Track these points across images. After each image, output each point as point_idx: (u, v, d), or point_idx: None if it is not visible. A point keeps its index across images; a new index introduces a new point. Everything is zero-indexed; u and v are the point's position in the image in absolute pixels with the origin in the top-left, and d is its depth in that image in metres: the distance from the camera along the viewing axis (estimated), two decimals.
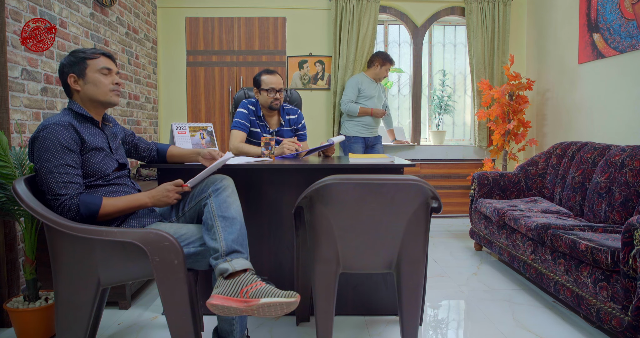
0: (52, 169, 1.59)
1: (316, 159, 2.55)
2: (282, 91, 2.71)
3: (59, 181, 1.60)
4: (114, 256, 1.62)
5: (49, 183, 1.59)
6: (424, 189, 1.68)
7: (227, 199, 1.70)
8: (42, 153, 1.60)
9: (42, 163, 1.60)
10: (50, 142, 1.60)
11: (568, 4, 4.02)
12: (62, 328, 1.65)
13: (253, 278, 1.53)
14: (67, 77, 1.71)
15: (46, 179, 1.60)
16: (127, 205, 1.69)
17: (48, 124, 1.62)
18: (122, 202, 1.68)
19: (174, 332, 1.61)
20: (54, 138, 1.60)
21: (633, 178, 2.54)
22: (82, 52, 1.74)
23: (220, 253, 1.59)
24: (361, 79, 4.12)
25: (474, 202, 3.60)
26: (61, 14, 2.77)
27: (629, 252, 1.86)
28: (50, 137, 1.60)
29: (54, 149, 1.60)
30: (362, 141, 4.12)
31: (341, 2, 4.49)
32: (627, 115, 3.30)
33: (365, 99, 4.09)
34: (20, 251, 2.35)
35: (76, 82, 1.73)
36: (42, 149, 1.60)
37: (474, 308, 2.52)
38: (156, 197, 1.72)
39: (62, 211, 1.60)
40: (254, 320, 2.32)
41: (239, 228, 1.66)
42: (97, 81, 1.73)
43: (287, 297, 1.47)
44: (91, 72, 1.73)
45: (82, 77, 1.73)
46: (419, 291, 1.77)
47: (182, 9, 4.60)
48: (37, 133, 1.62)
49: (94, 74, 1.73)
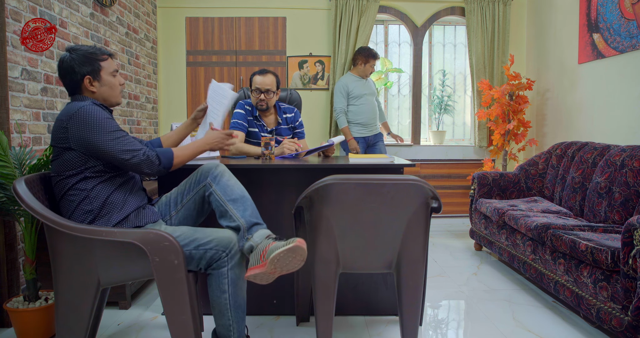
0: (112, 136, 1.64)
1: (316, 159, 2.55)
2: (269, 92, 2.68)
3: (127, 142, 1.66)
4: (113, 257, 1.62)
5: (118, 148, 1.64)
6: (424, 189, 1.68)
7: (229, 183, 1.78)
8: (91, 128, 1.61)
9: (98, 137, 1.61)
10: (95, 116, 1.62)
11: (568, 4, 4.02)
12: (62, 329, 1.66)
13: (267, 243, 1.65)
14: (82, 78, 1.72)
15: (112, 148, 1.63)
16: (193, 152, 1.85)
17: (80, 105, 1.63)
18: (189, 150, 1.84)
19: (174, 332, 1.61)
20: (96, 112, 1.63)
21: (633, 178, 2.54)
22: (94, 54, 1.74)
23: (242, 230, 1.71)
24: (347, 81, 4.07)
25: (474, 202, 3.60)
26: (61, 14, 2.77)
27: (629, 252, 1.86)
28: (92, 112, 1.62)
29: (103, 121, 1.63)
30: (362, 141, 4.11)
31: (341, 2, 4.49)
32: (627, 115, 3.30)
33: (356, 99, 4.05)
34: (20, 251, 2.35)
35: (91, 83, 1.74)
36: (89, 125, 1.61)
37: (474, 308, 2.52)
38: (212, 143, 1.91)
39: (145, 163, 1.68)
40: (254, 320, 2.32)
41: (250, 203, 1.78)
42: (112, 83, 1.78)
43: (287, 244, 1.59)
44: (105, 75, 1.76)
45: (98, 80, 1.74)
46: (419, 291, 1.77)
47: (182, 9, 4.60)
48: (70, 118, 1.61)
49: (107, 77, 1.76)
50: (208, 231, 1.72)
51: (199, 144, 1.89)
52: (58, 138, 1.65)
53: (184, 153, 1.82)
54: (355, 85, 4.07)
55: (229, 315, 1.70)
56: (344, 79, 4.11)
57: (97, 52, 1.75)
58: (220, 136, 1.93)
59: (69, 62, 1.71)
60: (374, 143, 4.17)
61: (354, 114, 4.07)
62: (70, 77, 1.72)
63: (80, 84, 1.73)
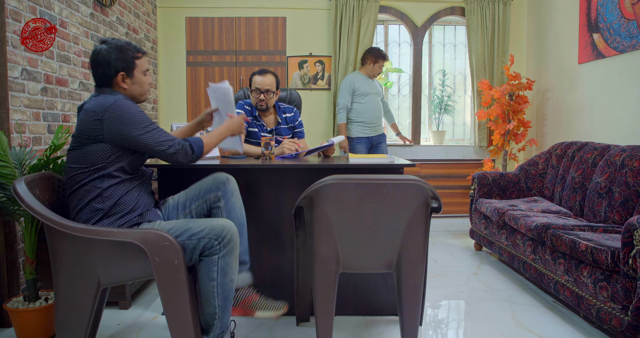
0: (148, 129, 1.67)
1: (316, 159, 2.55)
2: (269, 92, 2.68)
3: (162, 134, 1.70)
4: (113, 256, 1.62)
5: (155, 140, 1.67)
6: (424, 189, 1.68)
7: (235, 206, 1.84)
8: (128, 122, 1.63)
9: (135, 131, 1.64)
10: (131, 110, 1.65)
11: (568, 4, 4.02)
12: (62, 328, 1.66)
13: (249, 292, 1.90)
14: (116, 73, 1.73)
15: (149, 140, 1.67)
16: (219, 139, 1.92)
17: (115, 99, 1.66)
18: (215, 138, 1.89)
19: (174, 331, 1.61)
20: (131, 106, 1.66)
21: (633, 178, 2.54)
22: (131, 51, 1.75)
23: None
24: (354, 78, 4.10)
25: (474, 202, 3.60)
26: (61, 14, 2.77)
27: (629, 252, 1.86)
28: (128, 107, 1.65)
29: (138, 115, 1.66)
30: (366, 141, 4.11)
31: (341, 2, 4.49)
32: (627, 115, 3.30)
33: (361, 97, 4.07)
34: (20, 251, 2.35)
35: (124, 80, 1.75)
36: (126, 119, 1.63)
37: (474, 308, 2.52)
38: (233, 129, 1.98)
39: (180, 153, 1.72)
40: (254, 320, 2.32)
41: (244, 237, 1.85)
42: (142, 82, 1.81)
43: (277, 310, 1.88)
44: (138, 73, 1.78)
45: (131, 77, 1.76)
46: (419, 291, 1.77)
47: (182, 9, 4.60)
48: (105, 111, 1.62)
49: (139, 75, 1.79)
50: (201, 222, 1.72)
51: (222, 131, 1.94)
52: (89, 129, 1.65)
53: (211, 140, 1.87)
54: (362, 83, 4.08)
55: (215, 304, 1.70)
56: (352, 76, 4.13)
57: (133, 49, 1.76)
58: (238, 120, 2.00)
59: (105, 55, 1.71)
60: (377, 143, 4.17)
61: (357, 112, 4.08)
62: (103, 70, 1.73)
63: (113, 79, 1.74)
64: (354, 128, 4.11)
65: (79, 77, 2.97)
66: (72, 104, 2.89)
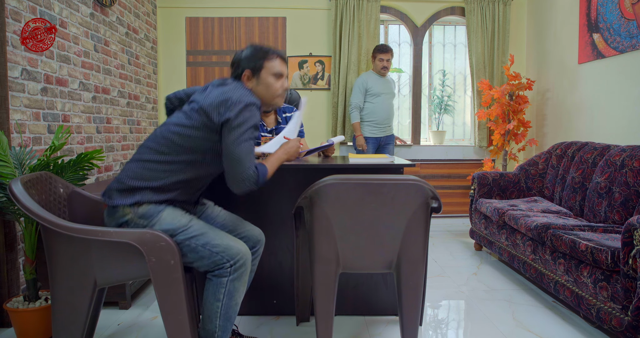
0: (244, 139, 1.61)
1: (316, 159, 2.55)
2: None
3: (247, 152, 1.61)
4: (110, 257, 1.62)
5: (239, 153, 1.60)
6: (424, 189, 1.67)
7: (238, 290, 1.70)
8: (242, 126, 1.61)
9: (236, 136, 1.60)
10: (253, 120, 1.63)
11: (568, 4, 4.02)
12: (58, 328, 1.65)
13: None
14: (243, 71, 1.75)
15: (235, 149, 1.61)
16: (277, 165, 1.81)
17: (251, 101, 1.64)
18: (275, 164, 1.79)
19: (170, 332, 1.60)
20: (252, 117, 1.63)
21: (633, 178, 2.53)
22: (261, 51, 1.76)
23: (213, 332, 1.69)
24: (366, 78, 4.11)
25: (474, 202, 3.60)
26: (61, 14, 2.77)
27: (629, 252, 1.86)
28: (254, 116, 1.64)
29: (248, 128, 1.62)
30: (374, 141, 4.10)
31: (341, 2, 4.49)
32: (627, 115, 3.30)
33: (374, 96, 4.07)
34: (20, 251, 2.35)
35: (249, 79, 1.76)
36: (244, 124, 1.61)
37: (474, 308, 2.52)
38: (290, 154, 1.87)
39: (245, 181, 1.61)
40: (254, 320, 2.32)
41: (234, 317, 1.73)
42: (269, 84, 1.78)
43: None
44: (265, 74, 1.77)
45: (256, 77, 1.76)
46: (419, 291, 1.77)
47: (182, 9, 4.60)
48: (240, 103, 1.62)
49: (267, 77, 1.77)
50: (222, 234, 1.70)
51: (280, 157, 1.83)
52: (211, 108, 1.63)
53: (272, 168, 1.76)
54: (374, 83, 4.08)
55: (217, 323, 1.68)
56: (365, 75, 4.15)
57: (264, 50, 1.77)
58: (295, 144, 1.90)
59: (239, 54, 1.77)
60: (385, 144, 4.17)
61: (369, 112, 4.08)
62: (235, 68, 1.78)
63: (241, 76, 1.77)
64: (363, 127, 4.11)
65: (79, 77, 2.97)
66: (72, 104, 2.89)
